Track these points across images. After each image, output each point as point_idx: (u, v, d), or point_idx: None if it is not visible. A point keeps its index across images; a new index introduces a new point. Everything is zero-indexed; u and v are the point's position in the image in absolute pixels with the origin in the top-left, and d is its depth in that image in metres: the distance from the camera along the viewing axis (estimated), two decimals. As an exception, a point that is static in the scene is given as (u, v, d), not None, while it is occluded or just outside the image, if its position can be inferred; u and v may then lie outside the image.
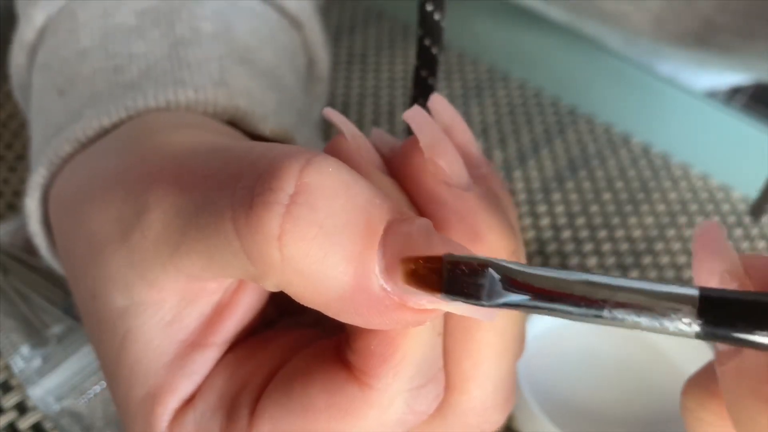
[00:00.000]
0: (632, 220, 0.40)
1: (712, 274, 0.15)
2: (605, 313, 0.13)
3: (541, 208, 0.40)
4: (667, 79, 0.48)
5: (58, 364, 0.29)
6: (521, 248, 0.19)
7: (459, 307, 0.15)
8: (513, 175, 0.42)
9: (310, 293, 0.15)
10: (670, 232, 0.39)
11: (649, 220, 0.40)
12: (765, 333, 0.13)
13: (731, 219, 0.40)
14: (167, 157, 0.18)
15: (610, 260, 0.38)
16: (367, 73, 0.48)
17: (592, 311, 0.13)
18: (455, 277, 0.14)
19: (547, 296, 0.14)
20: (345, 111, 0.45)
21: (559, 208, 0.40)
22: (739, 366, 0.15)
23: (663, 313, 0.13)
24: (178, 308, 0.18)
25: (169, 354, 0.18)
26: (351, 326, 0.17)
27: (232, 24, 0.27)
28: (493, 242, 0.17)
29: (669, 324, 0.13)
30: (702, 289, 0.13)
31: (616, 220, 0.40)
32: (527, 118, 0.45)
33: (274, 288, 0.16)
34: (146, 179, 0.18)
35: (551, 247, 0.38)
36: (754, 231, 0.40)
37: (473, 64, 0.49)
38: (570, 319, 0.14)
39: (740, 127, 0.45)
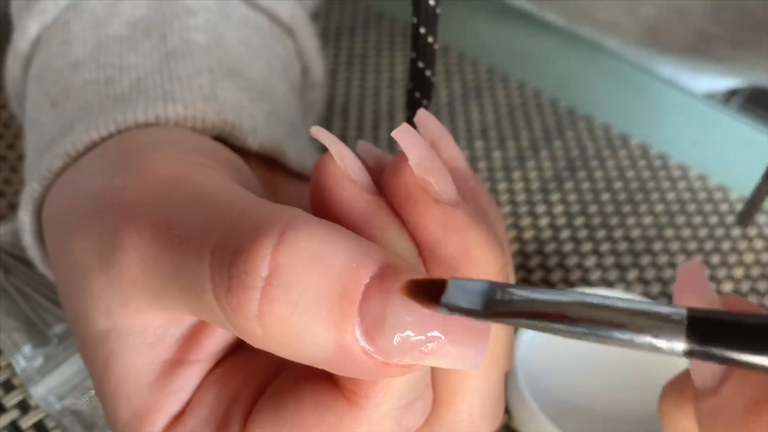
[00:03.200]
0: (631, 221, 0.40)
1: None
2: (599, 332, 0.14)
3: (540, 209, 0.40)
4: (666, 80, 0.48)
5: (59, 364, 0.29)
6: (509, 263, 0.19)
7: (445, 359, 0.15)
8: (512, 176, 0.42)
9: (297, 358, 0.16)
10: (669, 232, 0.39)
11: (647, 220, 0.40)
12: (750, 352, 0.13)
13: (729, 219, 0.40)
14: (145, 194, 0.18)
15: (609, 260, 0.38)
16: (367, 74, 0.48)
17: (586, 331, 0.14)
18: (455, 288, 0.15)
19: (542, 317, 0.14)
20: (345, 112, 0.45)
21: (558, 209, 0.40)
22: (716, 405, 0.15)
23: (651, 332, 0.13)
24: (161, 330, 0.19)
25: (153, 374, 0.19)
26: None
27: (224, 35, 0.27)
28: (481, 258, 0.17)
29: (657, 342, 0.13)
30: (689, 309, 0.13)
31: (614, 221, 0.40)
32: (526, 119, 0.46)
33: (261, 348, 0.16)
34: (122, 217, 0.18)
35: (550, 247, 0.38)
36: (752, 231, 0.40)
37: (473, 64, 0.49)
38: (563, 336, 0.14)
39: (739, 128, 0.45)
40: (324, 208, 0.18)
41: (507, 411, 0.31)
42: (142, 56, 0.25)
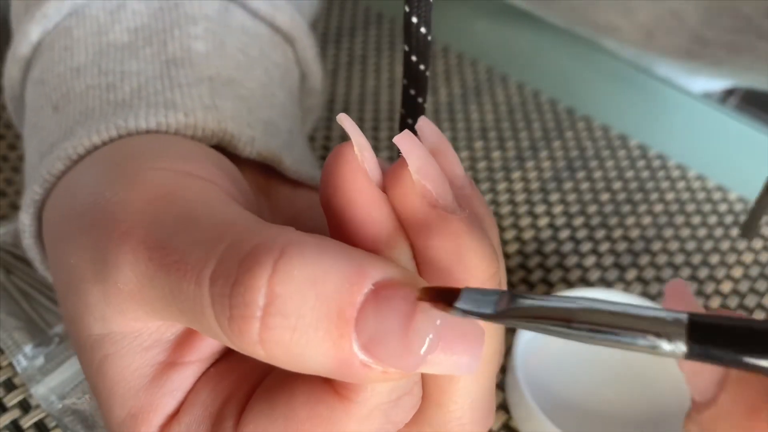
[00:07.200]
0: (630, 221, 0.40)
1: None
2: (602, 335, 0.15)
3: (540, 209, 0.40)
4: (664, 80, 0.48)
5: (60, 363, 0.30)
6: (502, 270, 0.20)
7: (441, 366, 0.16)
8: (512, 176, 0.42)
9: (302, 372, 0.16)
10: (668, 232, 0.40)
11: (646, 220, 0.40)
12: (747, 353, 0.14)
13: (728, 219, 0.40)
14: (137, 212, 0.19)
15: (608, 260, 0.38)
16: (367, 74, 0.48)
17: (590, 334, 0.15)
18: (468, 296, 0.16)
19: (548, 320, 0.15)
20: (345, 112, 0.45)
21: (558, 209, 0.40)
22: (716, 413, 0.16)
23: (654, 335, 0.14)
24: (156, 334, 0.19)
25: (148, 376, 0.19)
26: None
27: (224, 43, 0.28)
28: (474, 264, 0.18)
29: (659, 345, 0.14)
30: (690, 314, 0.14)
31: (613, 221, 0.40)
32: (526, 120, 0.46)
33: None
34: (115, 236, 0.18)
35: (549, 247, 0.38)
36: (751, 231, 0.40)
37: (472, 65, 0.50)
38: (566, 339, 0.15)
39: (738, 128, 0.46)
40: (333, 194, 0.18)
41: (507, 410, 0.31)
42: (143, 63, 0.26)
